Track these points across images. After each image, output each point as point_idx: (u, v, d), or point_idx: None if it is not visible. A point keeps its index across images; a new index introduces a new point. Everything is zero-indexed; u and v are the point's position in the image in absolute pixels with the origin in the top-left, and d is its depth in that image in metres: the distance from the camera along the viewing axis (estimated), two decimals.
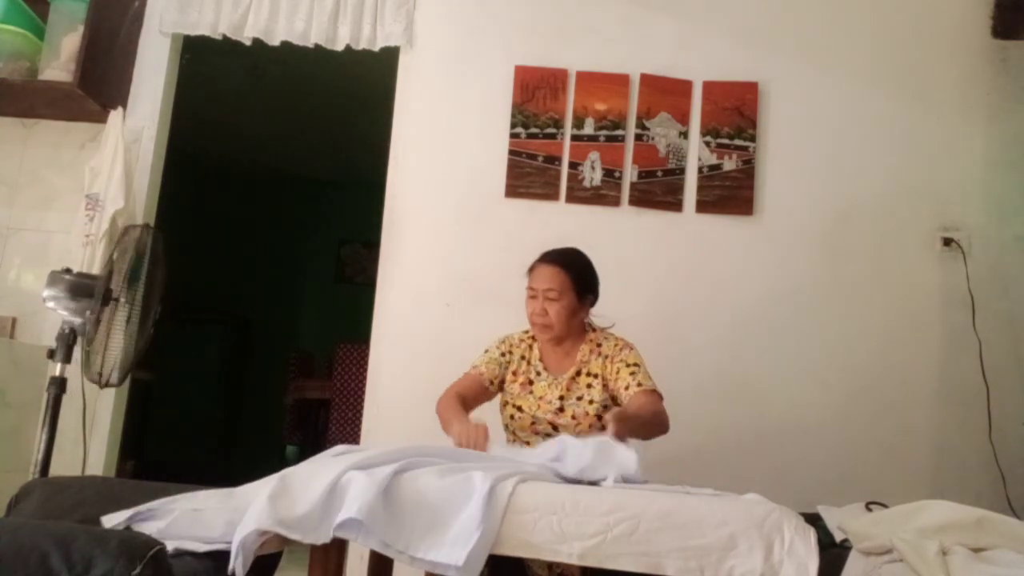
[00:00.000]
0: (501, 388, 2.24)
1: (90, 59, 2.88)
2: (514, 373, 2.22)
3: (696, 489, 1.70)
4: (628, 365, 2.13)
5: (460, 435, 1.93)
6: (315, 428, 4.90)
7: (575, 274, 2.18)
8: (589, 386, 2.14)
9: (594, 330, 2.25)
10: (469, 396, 2.17)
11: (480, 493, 1.45)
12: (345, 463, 1.54)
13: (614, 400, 2.13)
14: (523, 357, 2.23)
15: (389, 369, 2.90)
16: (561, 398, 2.14)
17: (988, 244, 2.81)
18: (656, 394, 2.09)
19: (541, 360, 2.22)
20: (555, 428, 2.10)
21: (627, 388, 2.09)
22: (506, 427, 2.22)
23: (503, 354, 2.25)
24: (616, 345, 2.19)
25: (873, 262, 2.85)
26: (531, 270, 2.21)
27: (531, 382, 2.20)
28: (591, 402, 2.12)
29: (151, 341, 2.51)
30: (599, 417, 2.09)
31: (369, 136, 3.70)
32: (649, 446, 2.04)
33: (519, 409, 2.16)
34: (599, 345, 2.19)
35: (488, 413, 2.28)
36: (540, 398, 2.16)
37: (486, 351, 2.27)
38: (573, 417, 2.11)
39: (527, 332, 2.28)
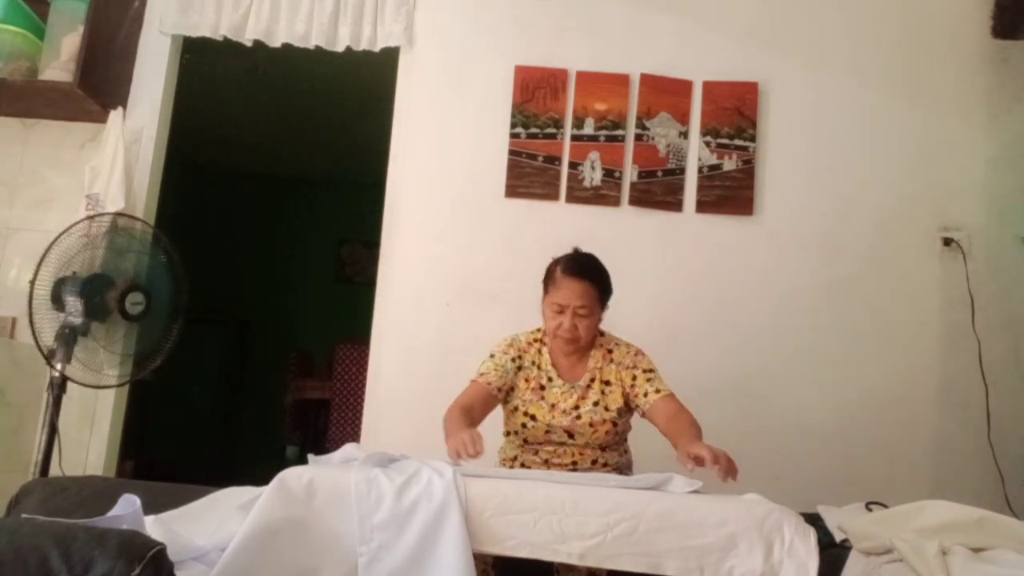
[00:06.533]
0: (508, 395, 2.14)
1: (90, 59, 2.88)
2: (526, 380, 2.13)
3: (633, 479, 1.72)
4: (644, 371, 2.12)
5: (452, 447, 1.77)
6: (315, 428, 4.90)
7: (601, 287, 2.12)
8: (604, 393, 2.11)
9: (602, 334, 2.20)
10: (477, 407, 2.04)
11: None
12: None
13: (627, 405, 2.11)
14: (534, 362, 2.15)
15: (389, 369, 2.90)
16: (576, 407, 2.08)
17: (988, 244, 2.82)
18: (675, 397, 2.07)
19: (553, 366, 2.15)
20: (570, 436, 2.07)
21: (646, 395, 2.07)
22: (514, 433, 2.14)
23: (513, 359, 2.14)
24: (628, 352, 2.16)
25: (873, 262, 2.85)
26: (553, 281, 2.11)
27: (542, 387, 2.12)
28: (607, 408, 2.08)
29: (159, 343, 2.49)
30: (615, 424, 2.08)
31: (369, 136, 3.69)
32: (637, 439, 2.06)
33: (532, 418, 2.08)
34: (610, 351, 2.16)
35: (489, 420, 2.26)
36: (553, 405, 2.09)
37: (492, 356, 2.15)
38: (591, 424, 2.07)
39: (534, 334, 2.20)
